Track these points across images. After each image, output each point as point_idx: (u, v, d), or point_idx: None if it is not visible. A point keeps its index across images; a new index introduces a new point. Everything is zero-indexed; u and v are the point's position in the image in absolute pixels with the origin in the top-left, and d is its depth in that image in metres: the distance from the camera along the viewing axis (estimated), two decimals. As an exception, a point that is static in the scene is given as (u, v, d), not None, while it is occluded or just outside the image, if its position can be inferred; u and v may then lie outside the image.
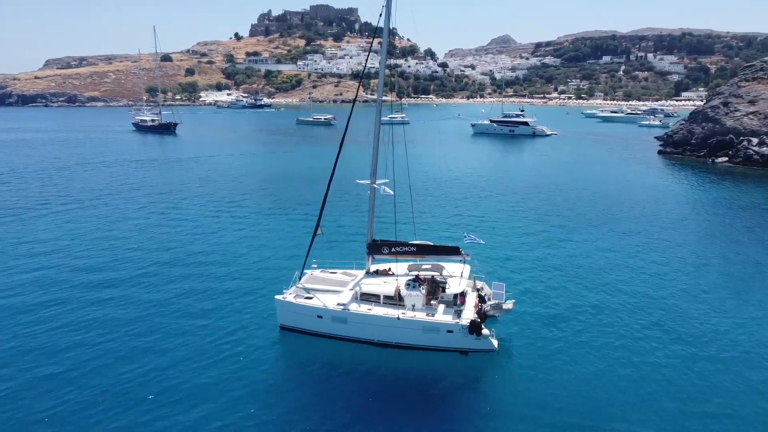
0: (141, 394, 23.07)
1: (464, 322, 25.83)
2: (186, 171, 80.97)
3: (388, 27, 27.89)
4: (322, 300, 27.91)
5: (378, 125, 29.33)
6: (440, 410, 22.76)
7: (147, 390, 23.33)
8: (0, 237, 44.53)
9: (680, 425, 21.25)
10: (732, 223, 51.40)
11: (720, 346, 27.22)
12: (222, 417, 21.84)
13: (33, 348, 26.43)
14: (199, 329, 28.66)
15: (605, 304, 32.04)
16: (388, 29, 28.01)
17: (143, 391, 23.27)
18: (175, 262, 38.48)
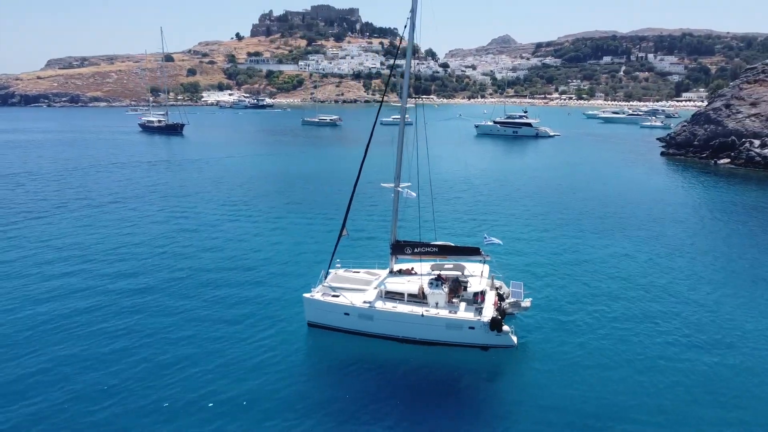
0: (185, 391, 24.40)
1: (486, 319, 27.16)
2: (199, 172, 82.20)
3: (412, 37, 29.19)
4: (349, 298, 29.23)
5: (402, 131, 30.57)
6: (463, 403, 24.07)
7: (191, 387, 24.66)
8: (26, 239, 45.60)
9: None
10: (742, 227, 52.56)
11: (741, 352, 28.36)
12: (256, 408, 23.22)
13: (74, 354, 27.53)
14: (230, 328, 29.96)
15: (619, 304, 33.34)
16: (411, 39, 29.28)
17: (188, 388, 24.60)
18: (201, 265, 39.63)
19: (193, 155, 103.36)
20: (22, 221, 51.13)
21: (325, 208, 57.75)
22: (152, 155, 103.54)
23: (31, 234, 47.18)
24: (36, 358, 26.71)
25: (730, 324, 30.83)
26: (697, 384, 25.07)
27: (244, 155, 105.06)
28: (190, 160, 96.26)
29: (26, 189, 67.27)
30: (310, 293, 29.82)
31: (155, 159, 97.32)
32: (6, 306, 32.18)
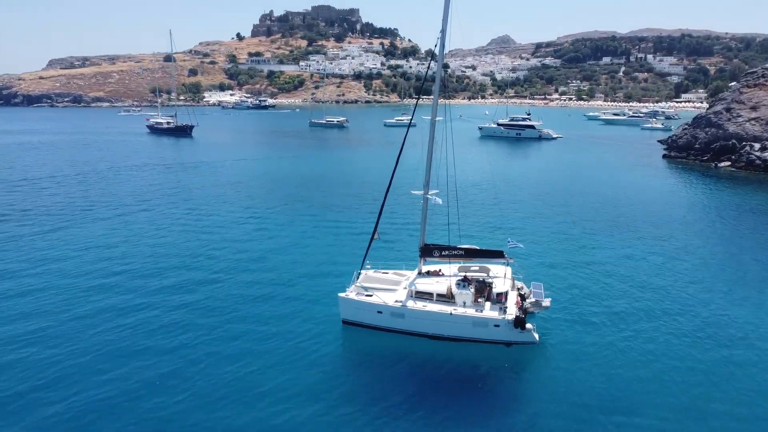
0: (236, 380, 26.59)
1: (510, 317, 29.33)
2: (216, 175, 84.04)
3: (442, 56, 31.19)
4: (381, 297, 31.40)
5: (432, 141, 32.55)
6: (487, 395, 26.22)
7: (241, 377, 26.84)
8: (65, 243, 47.31)
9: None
10: (748, 229, 54.73)
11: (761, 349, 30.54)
12: (297, 396, 25.48)
13: (127, 353, 29.57)
14: (271, 326, 32.06)
15: (634, 304, 35.50)
16: (442, 58, 31.30)
17: (238, 378, 26.78)
18: (237, 268, 41.40)
19: (205, 158, 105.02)
20: (57, 226, 52.61)
21: (347, 211, 59.82)
22: (165, 158, 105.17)
23: (69, 238, 48.71)
24: (101, 355, 28.86)
25: (747, 325, 32.92)
26: (712, 380, 27.20)
27: (257, 158, 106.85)
28: (204, 162, 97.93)
29: (51, 193, 68.78)
30: (345, 293, 31.99)
31: (169, 162, 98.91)
32: (64, 307, 34.06)
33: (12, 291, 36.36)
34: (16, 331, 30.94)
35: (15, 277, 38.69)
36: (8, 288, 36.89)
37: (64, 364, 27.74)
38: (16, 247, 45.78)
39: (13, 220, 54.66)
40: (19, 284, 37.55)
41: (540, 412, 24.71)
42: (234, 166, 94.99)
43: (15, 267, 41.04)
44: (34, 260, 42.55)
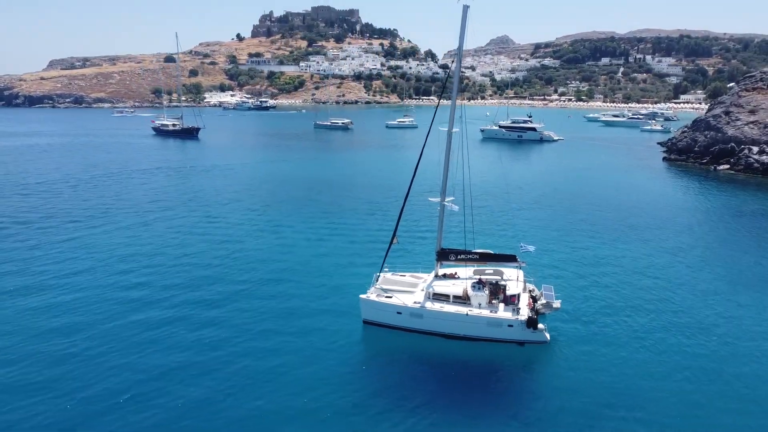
0: (268, 382, 28.34)
1: (523, 318, 31.09)
2: (228, 179, 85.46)
3: (459, 69, 32.82)
4: (400, 299, 33.16)
5: (448, 152, 34.11)
6: (502, 391, 28.02)
7: (272, 379, 28.58)
8: (92, 252, 48.14)
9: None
10: (748, 232, 56.57)
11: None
12: (320, 390, 27.30)
13: (180, 361, 31.34)
14: (295, 327, 33.73)
15: (641, 304, 37.27)
16: (458, 73, 32.92)
17: (269, 380, 28.53)
18: (260, 272, 42.94)
19: (214, 161, 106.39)
20: (81, 234, 53.60)
21: (359, 214, 61.51)
22: (176, 161, 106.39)
23: (95, 247, 49.58)
24: (140, 364, 30.62)
25: (754, 326, 34.77)
26: (720, 378, 28.98)
27: (265, 161, 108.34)
28: (216, 166, 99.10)
29: (69, 197, 69.93)
30: (365, 294, 33.74)
31: (181, 165, 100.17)
32: (104, 317, 35.26)
33: (49, 304, 37.14)
34: (62, 341, 32.08)
35: (49, 289, 39.66)
36: (45, 301, 37.58)
37: (121, 361, 29.51)
38: (45, 256, 46.79)
39: (36, 227, 55.85)
40: (55, 296, 38.46)
41: (551, 407, 26.44)
42: (244, 169, 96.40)
43: (47, 278, 41.84)
44: (64, 270, 43.43)
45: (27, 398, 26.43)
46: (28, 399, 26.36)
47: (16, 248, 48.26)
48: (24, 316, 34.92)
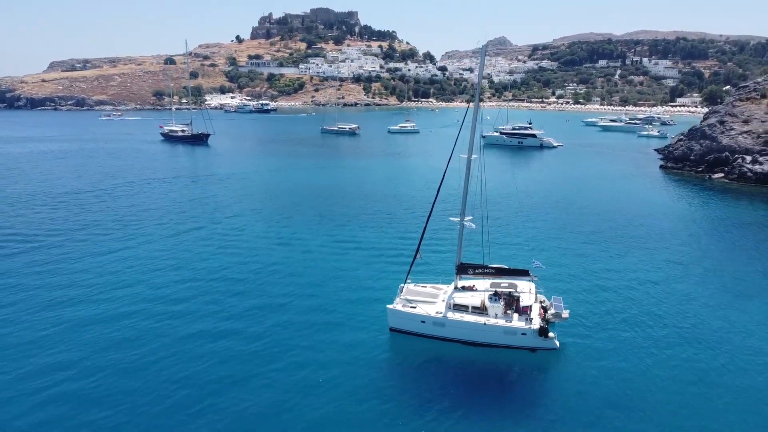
0: (305, 384, 31.81)
1: (535, 326, 34.59)
2: (245, 188, 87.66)
3: (480, 75, 36.12)
4: (423, 309, 36.65)
5: (468, 175, 37.42)
6: (516, 392, 31.53)
7: (308, 381, 32.06)
8: (130, 265, 50.52)
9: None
10: (746, 243, 60.24)
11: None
12: (349, 392, 30.73)
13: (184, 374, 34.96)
14: (326, 334, 37.21)
15: (644, 312, 40.76)
16: (480, 78, 36.21)
17: (306, 382, 31.99)
18: (286, 283, 46.08)
19: (228, 169, 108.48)
20: (116, 245, 56.06)
21: (377, 226, 64.11)
22: (190, 169, 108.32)
23: (131, 257, 52.13)
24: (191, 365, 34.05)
25: (755, 332, 38.37)
26: (720, 382, 32.48)
27: (278, 169, 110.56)
28: (230, 175, 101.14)
29: (96, 209, 71.24)
30: (392, 305, 37.22)
31: (195, 174, 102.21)
32: (148, 332, 38.46)
33: (104, 317, 39.22)
34: (115, 359, 34.62)
35: (101, 303, 41.84)
36: (100, 315, 39.62)
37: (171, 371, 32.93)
38: (89, 270, 48.66)
39: (73, 240, 57.81)
40: (107, 310, 40.47)
41: (560, 408, 29.88)
42: (259, 178, 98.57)
43: (97, 292, 43.80)
44: (110, 284, 45.51)
45: (99, 412, 28.70)
46: (99, 413, 28.63)
47: (60, 261, 50.87)
48: (83, 329, 37.42)
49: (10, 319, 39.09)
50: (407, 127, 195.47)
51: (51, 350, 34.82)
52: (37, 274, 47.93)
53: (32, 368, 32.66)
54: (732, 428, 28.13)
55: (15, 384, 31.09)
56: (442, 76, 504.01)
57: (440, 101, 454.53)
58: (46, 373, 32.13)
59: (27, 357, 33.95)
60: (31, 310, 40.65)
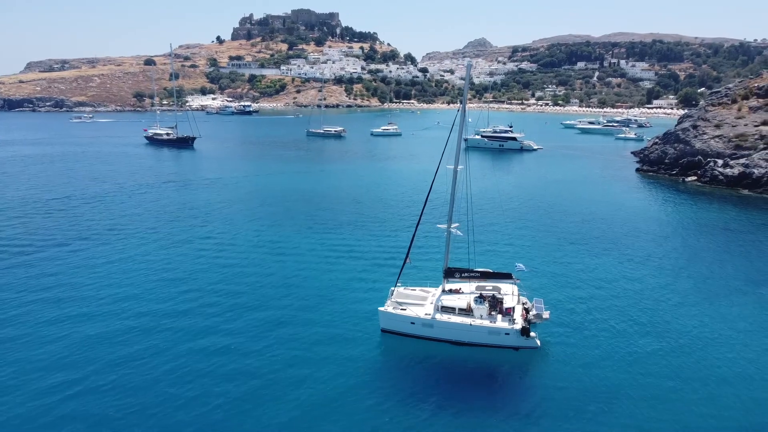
0: (301, 381, 33.91)
1: (518, 327, 37.01)
2: (235, 192, 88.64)
3: (468, 86, 38.33)
4: (413, 311, 38.93)
5: (454, 185, 39.71)
6: (500, 387, 34.06)
7: (298, 370, 34.19)
8: (132, 274, 51.63)
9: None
10: (713, 243, 63.59)
11: (729, 349, 38.94)
12: (342, 389, 33.01)
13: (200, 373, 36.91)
14: (320, 335, 39.31)
15: (618, 313, 43.42)
16: (467, 88, 38.42)
17: (301, 378, 34.10)
18: (279, 286, 48.19)
19: (216, 173, 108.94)
20: (115, 255, 56.63)
21: (366, 231, 65.92)
22: (178, 174, 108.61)
23: (130, 270, 52.48)
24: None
25: (718, 329, 41.18)
26: (682, 375, 35.18)
27: (266, 173, 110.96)
28: (218, 179, 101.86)
29: (89, 216, 71.50)
30: (383, 307, 39.43)
31: (185, 178, 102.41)
32: (154, 345, 40.62)
33: (108, 331, 39.86)
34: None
35: (106, 317, 42.32)
36: (104, 328, 40.27)
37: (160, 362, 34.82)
38: (90, 282, 49.05)
39: (70, 248, 58.32)
40: (113, 324, 41.10)
41: (540, 401, 32.37)
42: (248, 182, 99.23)
43: (104, 304, 44.28)
44: (115, 295, 45.98)
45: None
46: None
47: (61, 272, 51.31)
48: (91, 344, 37.88)
49: (9, 335, 39.30)
50: (390, 130, 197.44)
51: (52, 368, 35.13)
52: (35, 286, 48.18)
53: (35, 387, 33.06)
54: (705, 419, 30.73)
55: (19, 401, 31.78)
56: (423, 78, 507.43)
57: (422, 102, 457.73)
58: (48, 394, 32.46)
59: (25, 375, 34.32)
60: (29, 324, 40.99)
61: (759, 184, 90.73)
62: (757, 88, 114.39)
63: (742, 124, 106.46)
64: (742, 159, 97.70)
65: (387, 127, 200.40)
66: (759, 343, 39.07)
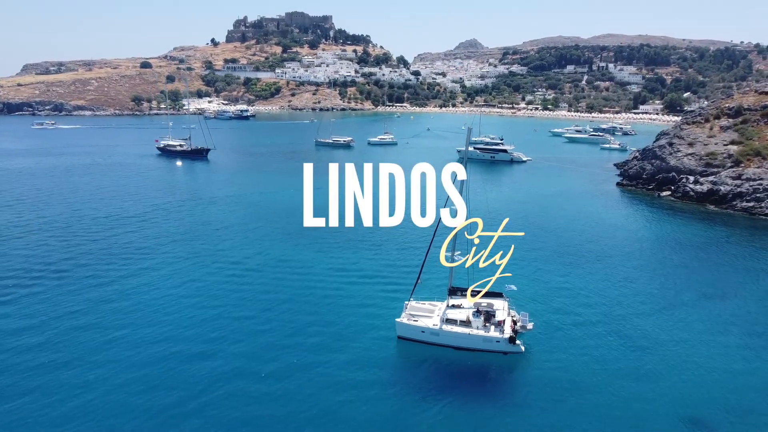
0: (329, 379, 43.08)
1: (506, 335, 46.34)
2: (258, 209, 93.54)
3: (466, 154, 47.47)
4: (423, 322, 48.23)
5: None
6: (492, 382, 43.41)
7: (327, 373, 43.35)
8: (156, 295, 61.03)
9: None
10: (682, 258, 73.25)
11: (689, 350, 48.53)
12: (369, 382, 42.04)
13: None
14: (346, 342, 48.48)
15: (592, 324, 52.79)
16: (465, 161, 47.55)
17: (325, 374, 43.27)
18: (306, 301, 56.82)
19: (232, 189, 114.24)
20: (142, 277, 64.82)
21: (388, 251, 73.41)
22: (196, 190, 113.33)
23: (154, 290, 60.34)
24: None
25: (683, 333, 50.72)
26: (647, 374, 44.63)
27: (283, 188, 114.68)
28: (237, 196, 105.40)
29: (116, 233, 78.35)
30: (400, 318, 48.73)
31: (207, 195, 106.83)
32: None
33: (128, 360, 44.03)
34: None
35: (122, 345, 46.54)
36: (121, 356, 44.63)
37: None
38: (123, 310, 53.77)
39: (95, 270, 64.14)
40: (131, 352, 45.39)
41: (524, 394, 41.64)
42: (266, 200, 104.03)
43: (120, 332, 48.79)
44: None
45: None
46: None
47: (86, 290, 57.77)
48: (115, 372, 43.72)
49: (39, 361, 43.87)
50: (386, 139, 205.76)
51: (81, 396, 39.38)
52: (67, 309, 53.27)
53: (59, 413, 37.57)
54: (665, 409, 39.91)
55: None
56: (416, 81, 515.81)
57: (414, 106, 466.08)
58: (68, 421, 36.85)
59: (53, 400, 38.77)
60: (65, 347, 45.93)
61: (724, 201, 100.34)
62: (728, 108, 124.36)
63: (713, 142, 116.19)
64: (711, 176, 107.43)
65: (383, 136, 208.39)
66: (711, 345, 48.66)
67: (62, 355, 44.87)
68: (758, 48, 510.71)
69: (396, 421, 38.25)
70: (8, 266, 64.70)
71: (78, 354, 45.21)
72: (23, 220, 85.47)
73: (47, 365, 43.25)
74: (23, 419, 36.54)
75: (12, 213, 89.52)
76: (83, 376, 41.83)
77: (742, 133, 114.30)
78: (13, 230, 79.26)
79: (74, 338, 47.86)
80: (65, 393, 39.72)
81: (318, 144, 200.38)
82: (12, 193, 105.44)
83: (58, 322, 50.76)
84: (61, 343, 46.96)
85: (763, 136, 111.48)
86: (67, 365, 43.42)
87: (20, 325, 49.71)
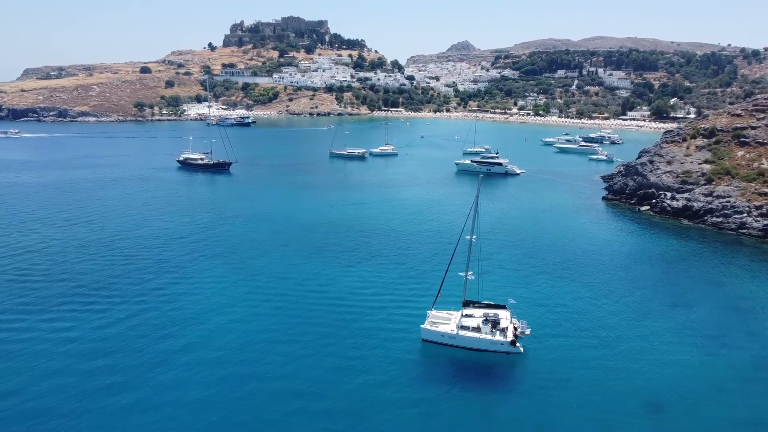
0: (362, 374, 54.83)
1: (509, 339, 58.26)
2: (280, 228, 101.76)
3: (477, 204, 59.39)
4: (442, 328, 60.10)
5: (470, 253, 60.80)
6: (498, 376, 55.43)
7: (365, 373, 55.08)
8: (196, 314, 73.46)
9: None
10: (655, 272, 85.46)
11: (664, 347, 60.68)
12: (398, 376, 53.69)
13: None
14: (378, 343, 60.07)
15: (581, 328, 64.80)
16: (476, 206, 59.45)
17: (362, 373, 54.99)
18: (346, 311, 68.21)
19: (257, 205, 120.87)
20: (184, 299, 75.16)
21: (414, 264, 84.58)
22: (232, 207, 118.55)
23: (197, 310, 72.77)
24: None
25: (662, 336, 62.78)
26: (629, 370, 56.66)
27: (306, 204, 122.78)
28: (263, 213, 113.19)
29: (145, 254, 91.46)
30: (424, 324, 60.58)
31: (245, 212, 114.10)
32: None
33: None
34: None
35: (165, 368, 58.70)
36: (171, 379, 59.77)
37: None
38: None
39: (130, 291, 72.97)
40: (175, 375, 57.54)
41: (522, 385, 53.63)
42: (289, 216, 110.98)
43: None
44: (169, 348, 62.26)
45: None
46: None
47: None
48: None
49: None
50: (387, 150, 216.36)
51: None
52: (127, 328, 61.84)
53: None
54: (633, 397, 51.74)
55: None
56: (410, 85, 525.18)
57: (409, 110, 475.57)
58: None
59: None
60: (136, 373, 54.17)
61: (697, 216, 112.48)
62: (703, 129, 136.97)
63: (689, 161, 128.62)
64: (686, 193, 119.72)
65: (384, 147, 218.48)
66: (675, 345, 60.78)
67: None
68: (744, 53, 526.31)
69: (424, 404, 50.10)
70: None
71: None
72: (85, 240, 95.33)
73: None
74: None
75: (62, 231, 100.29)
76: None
77: (714, 153, 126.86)
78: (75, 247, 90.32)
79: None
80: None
81: (332, 156, 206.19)
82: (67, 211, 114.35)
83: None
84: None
85: (734, 156, 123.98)
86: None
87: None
